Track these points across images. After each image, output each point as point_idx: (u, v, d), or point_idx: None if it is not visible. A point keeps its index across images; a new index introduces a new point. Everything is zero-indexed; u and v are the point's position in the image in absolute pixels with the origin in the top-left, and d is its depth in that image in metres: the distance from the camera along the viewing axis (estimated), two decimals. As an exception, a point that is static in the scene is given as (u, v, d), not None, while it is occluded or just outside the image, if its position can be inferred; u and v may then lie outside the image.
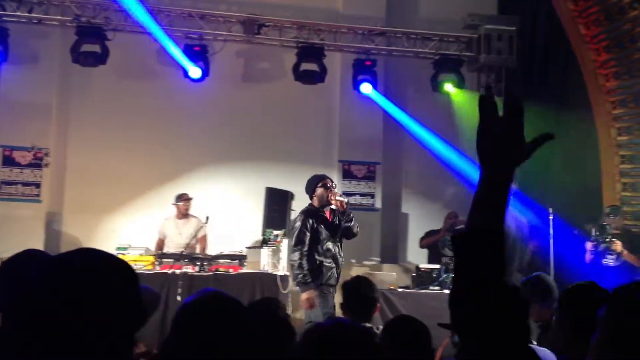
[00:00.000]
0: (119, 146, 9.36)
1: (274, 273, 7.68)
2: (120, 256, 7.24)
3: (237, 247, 8.26)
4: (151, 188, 9.40)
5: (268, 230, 8.18)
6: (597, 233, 7.56)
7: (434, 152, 9.34)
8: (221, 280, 7.40)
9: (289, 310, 7.36)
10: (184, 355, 1.76)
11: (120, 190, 9.35)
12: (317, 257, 6.54)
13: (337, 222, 6.74)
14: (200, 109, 9.52)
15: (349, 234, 6.86)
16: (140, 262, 7.55)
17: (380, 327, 3.53)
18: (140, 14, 8.15)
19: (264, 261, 8.08)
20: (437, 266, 7.92)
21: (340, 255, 6.76)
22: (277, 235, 8.14)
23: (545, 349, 2.98)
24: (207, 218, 8.15)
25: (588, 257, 7.69)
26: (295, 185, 9.04)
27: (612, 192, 8.90)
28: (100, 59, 8.42)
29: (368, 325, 4.05)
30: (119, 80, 9.40)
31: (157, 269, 7.49)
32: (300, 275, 6.41)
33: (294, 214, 8.61)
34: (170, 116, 9.53)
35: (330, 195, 6.72)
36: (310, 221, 6.63)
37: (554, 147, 8.66)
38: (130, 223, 9.19)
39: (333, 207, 6.77)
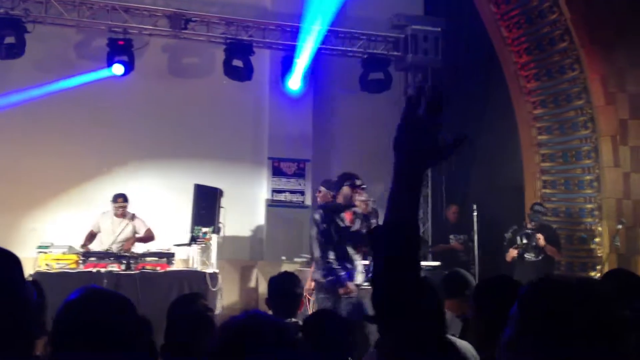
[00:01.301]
0: (39, 143, 9.02)
1: (203, 271, 7.60)
2: (42, 255, 6.92)
3: (165, 245, 8.13)
4: (73, 186, 9.13)
5: (197, 227, 8.09)
6: (525, 241, 7.94)
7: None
8: (148, 278, 7.26)
9: (219, 308, 7.31)
10: (66, 355, 1.74)
11: (41, 188, 9.02)
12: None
13: (357, 227, 6.21)
14: (125, 104, 9.30)
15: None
16: (63, 260, 7.33)
17: None
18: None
19: (193, 259, 7.99)
20: (366, 262, 7.98)
21: (356, 258, 6.23)
22: (205, 233, 8.05)
23: (465, 342, 3.07)
24: (133, 215, 8.00)
25: (510, 257, 8.00)
26: (225, 182, 8.97)
27: (533, 190, 9.21)
28: (16, 51, 8.07)
29: (294, 320, 4.07)
30: (38, 75, 9.05)
31: (81, 268, 7.28)
32: (334, 278, 5.92)
33: (222, 212, 8.55)
34: (94, 111, 9.25)
35: (355, 194, 6.26)
36: (329, 216, 6.11)
37: (478, 146, 8.92)
38: (52, 222, 8.89)
39: (356, 210, 6.28)
